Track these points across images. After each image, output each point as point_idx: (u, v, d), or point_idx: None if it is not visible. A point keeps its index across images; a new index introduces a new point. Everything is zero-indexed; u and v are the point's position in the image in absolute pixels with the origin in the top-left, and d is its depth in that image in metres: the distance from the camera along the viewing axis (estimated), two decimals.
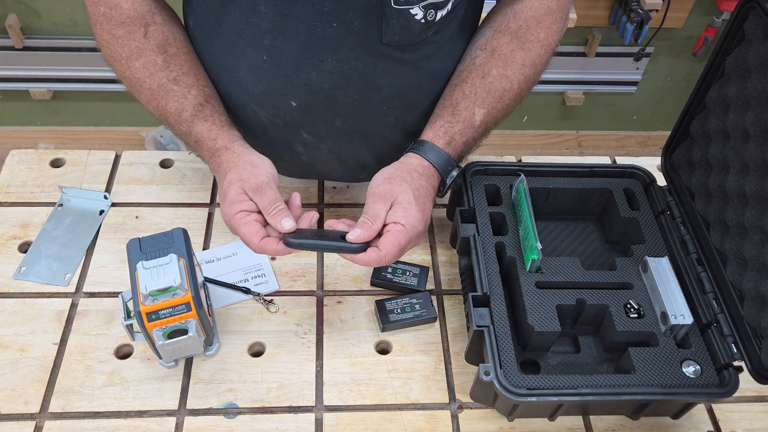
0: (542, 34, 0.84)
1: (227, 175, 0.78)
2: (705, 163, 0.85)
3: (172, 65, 0.82)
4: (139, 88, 0.84)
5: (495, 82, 0.83)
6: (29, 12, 1.97)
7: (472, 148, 0.85)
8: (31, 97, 2.18)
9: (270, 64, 0.80)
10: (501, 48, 0.84)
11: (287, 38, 0.77)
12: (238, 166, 0.78)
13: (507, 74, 0.83)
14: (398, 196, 0.76)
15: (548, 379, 0.72)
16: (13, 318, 0.83)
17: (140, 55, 0.82)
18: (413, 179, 0.78)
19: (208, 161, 0.82)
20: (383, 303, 0.85)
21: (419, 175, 0.79)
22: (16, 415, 0.75)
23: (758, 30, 0.74)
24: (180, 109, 0.81)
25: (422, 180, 0.79)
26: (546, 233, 0.92)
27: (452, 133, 0.82)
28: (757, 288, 0.73)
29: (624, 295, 0.79)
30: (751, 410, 0.82)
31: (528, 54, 0.84)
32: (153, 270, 0.71)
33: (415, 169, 0.79)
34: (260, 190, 0.76)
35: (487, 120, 0.84)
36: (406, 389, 0.80)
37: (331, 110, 0.83)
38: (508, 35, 0.84)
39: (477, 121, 0.82)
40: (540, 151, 2.52)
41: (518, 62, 0.84)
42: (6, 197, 0.96)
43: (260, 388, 0.79)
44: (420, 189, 0.78)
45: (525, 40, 0.84)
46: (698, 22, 2.10)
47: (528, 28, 0.84)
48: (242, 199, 0.76)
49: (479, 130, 0.83)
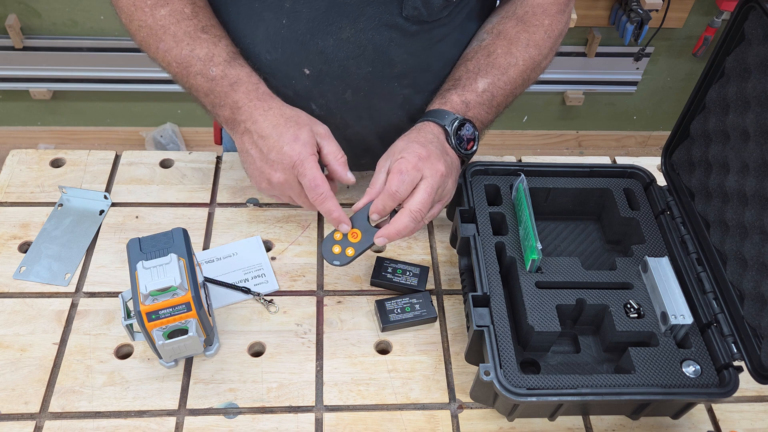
0: (547, 20, 0.87)
1: (284, 112, 0.77)
2: (705, 163, 0.85)
3: (200, 16, 0.82)
4: (161, 35, 0.81)
5: (499, 58, 0.85)
6: (29, 12, 1.97)
7: (481, 113, 0.84)
8: (31, 97, 2.18)
9: (288, 29, 0.80)
10: (507, 30, 0.87)
11: (308, 2, 0.78)
12: (298, 112, 0.78)
13: (511, 51, 0.86)
14: (396, 146, 0.79)
15: (548, 379, 0.72)
16: (13, 318, 0.83)
17: (167, 3, 0.81)
18: (409, 134, 0.81)
19: (244, 104, 0.79)
20: (383, 303, 0.85)
21: (416, 130, 0.81)
22: (16, 415, 0.75)
23: (758, 30, 0.74)
24: (211, 54, 0.80)
25: (419, 132, 0.81)
26: (546, 233, 0.92)
27: (448, 96, 0.83)
28: (757, 288, 0.73)
29: (624, 295, 0.79)
30: (751, 410, 0.82)
31: (532, 36, 0.87)
32: (153, 270, 0.71)
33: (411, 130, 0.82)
34: (329, 137, 0.77)
35: (493, 90, 0.84)
36: (406, 389, 0.80)
37: (342, 81, 0.84)
38: (514, 20, 0.88)
39: (479, 88, 0.84)
40: (540, 151, 2.52)
41: (522, 42, 0.86)
42: (6, 197, 0.96)
43: (260, 388, 0.79)
44: (419, 135, 0.79)
45: (530, 24, 0.87)
46: (698, 22, 2.10)
47: (534, 14, 0.87)
48: (314, 143, 0.76)
49: (484, 96, 0.84)
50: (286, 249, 0.93)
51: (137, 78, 2.13)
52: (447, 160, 0.78)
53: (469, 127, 0.82)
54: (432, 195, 0.76)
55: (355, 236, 0.78)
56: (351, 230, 0.78)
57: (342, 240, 0.78)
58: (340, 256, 0.78)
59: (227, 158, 1.03)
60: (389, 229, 0.76)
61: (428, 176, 0.75)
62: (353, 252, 0.78)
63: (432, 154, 0.76)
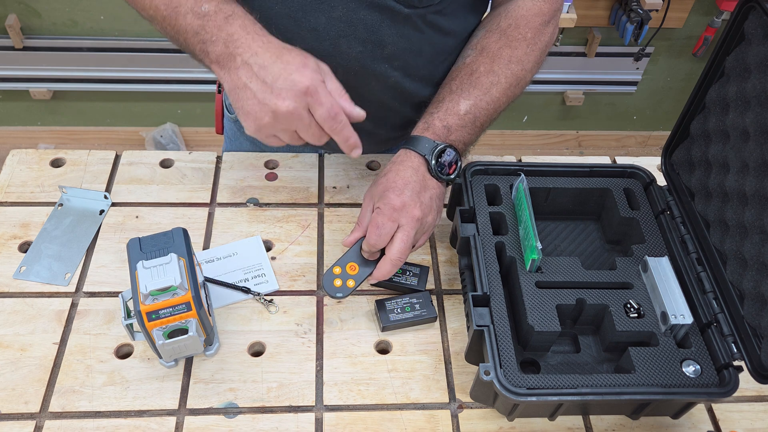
0: (530, 33, 0.87)
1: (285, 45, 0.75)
2: (705, 163, 0.85)
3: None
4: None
5: (481, 77, 0.85)
6: (29, 12, 1.97)
7: (464, 135, 0.85)
8: (31, 97, 2.18)
9: (281, 5, 0.81)
10: (489, 46, 0.87)
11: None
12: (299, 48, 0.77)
13: (493, 69, 0.86)
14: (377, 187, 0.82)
15: (548, 378, 0.72)
16: (13, 318, 0.83)
17: None
18: (388, 170, 0.83)
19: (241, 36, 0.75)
20: (383, 303, 0.85)
21: (396, 163, 0.83)
22: (16, 414, 0.75)
23: (758, 30, 0.74)
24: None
25: (399, 165, 0.82)
26: (546, 233, 0.92)
27: (431, 121, 0.84)
28: (757, 288, 0.73)
29: (624, 294, 0.79)
30: (751, 410, 0.82)
31: (514, 51, 0.86)
32: (153, 269, 0.71)
33: (392, 161, 0.84)
34: (331, 74, 0.76)
35: (475, 111, 0.84)
36: (406, 389, 0.80)
37: (333, 60, 0.83)
38: (497, 33, 0.88)
39: (462, 110, 0.84)
40: (540, 151, 2.52)
41: (504, 58, 0.86)
42: (6, 197, 0.96)
43: (260, 388, 0.79)
44: (397, 176, 0.81)
45: (512, 38, 0.87)
46: (698, 22, 2.11)
47: (516, 26, 0.87)
48: (320, 72, 0.74)
49: (466, 119, 0.84)
50: (286, 249, 0.93)
51: (137, 78, 2.13)
52: (424, 200, 0.81)
53: (450, 152, 0.83)
54: (409, 240, 0.80)
55: (353, 269, 0.83)
56: (349, 263, 0.83)
57: (341, 273, 0.83)
58: (342, 288, 0.83)
59: (227, 158, 1.03)
60: (376, 274, 0.82)
61: (404, 224, 0.80)
62: (353, 283, 0.83)
63: (406, 203, 0.80)
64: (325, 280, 0.83)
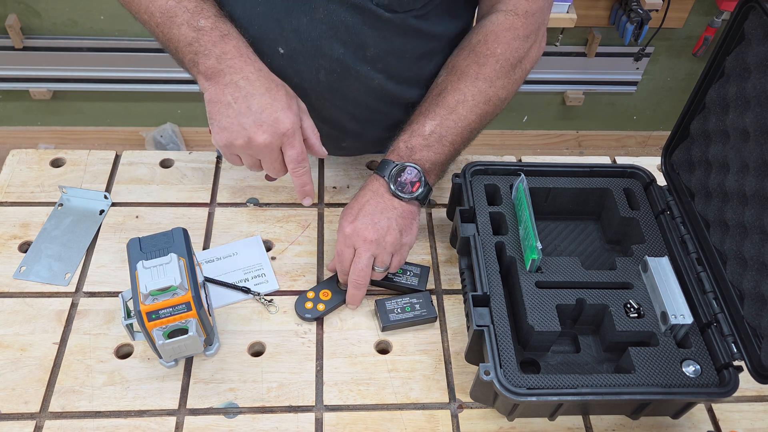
0: (499, 49, 0.86)
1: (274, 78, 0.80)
2: (705, 163, 0.85)
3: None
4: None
5: (447, 97, 0.86)
6: (29, 12, 1.97)
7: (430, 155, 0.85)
8: (31, 97, 2.18)
9: (264, 6, 0.82)
10: (458, 63, 0.87)
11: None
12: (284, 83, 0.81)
13: (460, 87, 0.86)
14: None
15: (548, 378, 0.72)
16: (13, 318, 0.83)
17: None
18: (352, 201, 0.85)
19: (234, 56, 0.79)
20: (383, 303, 0.85)
21: (361, 188, 0.86)
22: (16, 414, 0.75)
23: (758, 30, 0.74)
24: (200, 8, 0.79)
25: (361, 190, 0.85)
26: (546, 233, 0.92)
27: (396, 144, 0.86)
28: (757, 288, 0.73)
29: (624, 294, 0.79)
30: (751, 410, 0.82)
31: (482, 68, 0.86)
32: (153, 269, 0.71)
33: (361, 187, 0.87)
34: (307, 113, 0.81)
35: (440, 131, 0.84)
36: (406, 389, 0.80)
37: (315, 61, 0.85)
38: (467, 50, 0.88)
39: (426, 131, 0.85)
40: (540, 151, 2.52)
41: (471, 75, 0.86)
42: (6, 197, 0.96)
43: (260, 388, 0.79)
44: (356, 202, 0.84)
45: (480, 54, 0.86)
46: (698, 22, 2.10)
47: (486, 42, 0.86)
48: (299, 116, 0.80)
49: (431, 138, 0.84)
50: (286, 249, 0.93)
51: (137, 78, 2.13)
52: (380, 222, 0.82)
53: (411, 170, 0.83)
54: (367, 262, 0.82)
55: (326, 295, 0.87)
56: (323, 290, 0.87)
57: (314, 298, 0.86)
58: (311, 311, 0.85)
59: None
60: (347, 300, 0.86)
61: (359, 247, 0.82)
62: (323, 308, 0.86)
63: (357, 228, 0.82)
64: (297, 304, 0.86)
